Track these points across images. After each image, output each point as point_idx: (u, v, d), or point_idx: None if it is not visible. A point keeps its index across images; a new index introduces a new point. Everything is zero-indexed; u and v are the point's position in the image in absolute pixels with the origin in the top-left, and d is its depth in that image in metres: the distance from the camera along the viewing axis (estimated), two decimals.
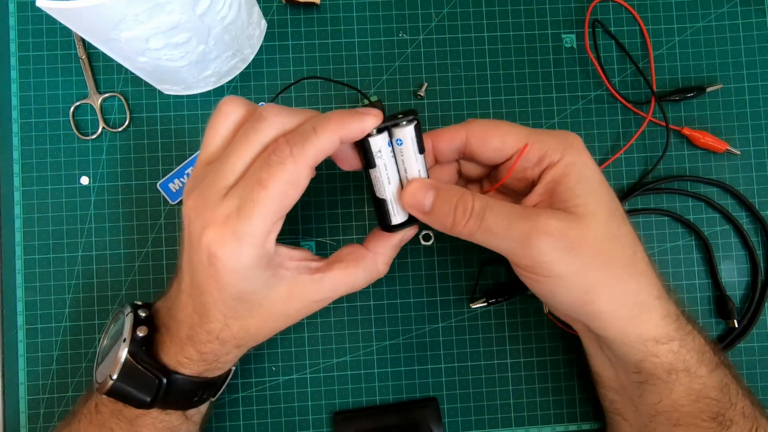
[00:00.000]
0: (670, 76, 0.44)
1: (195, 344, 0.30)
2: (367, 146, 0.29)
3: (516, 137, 0.30)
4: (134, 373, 0.30)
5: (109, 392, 0.30)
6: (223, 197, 0.27)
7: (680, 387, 0.31)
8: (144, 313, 0.32)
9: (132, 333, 0.30)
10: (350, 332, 0.42)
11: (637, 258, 0.30)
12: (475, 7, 0.43)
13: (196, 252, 0.28)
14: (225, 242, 0.26)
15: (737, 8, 0.44)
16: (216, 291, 0.28)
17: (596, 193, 0.29)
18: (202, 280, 0.28)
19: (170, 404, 0.32)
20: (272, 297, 0.30)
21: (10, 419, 0.40)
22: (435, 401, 0.41)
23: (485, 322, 0.42)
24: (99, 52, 0.42)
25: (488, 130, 0.31)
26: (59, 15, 0.28)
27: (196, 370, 0.31)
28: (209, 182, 0.28)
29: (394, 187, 0.31)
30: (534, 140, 0.30)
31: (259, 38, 0.42)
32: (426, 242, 0.42)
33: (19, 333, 0.41)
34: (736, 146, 0.43)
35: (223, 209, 0.27)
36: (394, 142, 0.30)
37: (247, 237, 0.27)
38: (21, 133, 0.41)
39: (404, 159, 0.30)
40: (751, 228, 0.43)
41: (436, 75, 0.43)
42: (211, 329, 0.30)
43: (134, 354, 0.30)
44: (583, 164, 0.29)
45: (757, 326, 0.42)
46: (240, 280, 0.28)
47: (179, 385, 0.31)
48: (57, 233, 0.41)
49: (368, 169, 0.30)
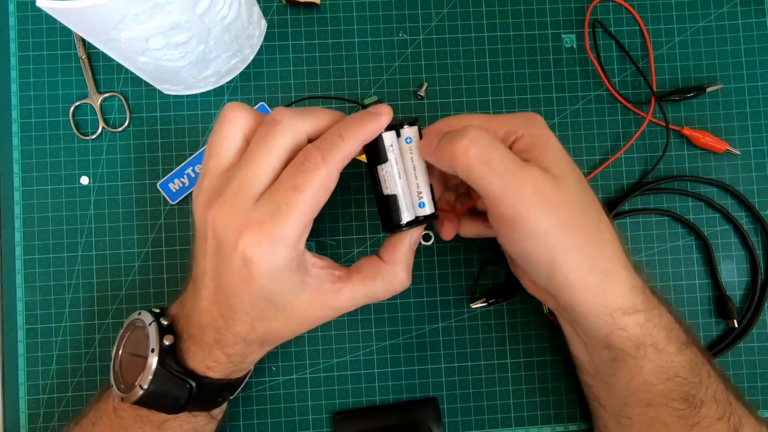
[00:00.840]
0: (670, 76, 0.44)
1: (222, 347, 0.31)
2: (380, 142, 0.29)
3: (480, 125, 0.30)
4: (165, 381, 0.30)
5: (139, 401, 0.30)
6: (254, 203, 0.28)
7: (649, 364, 0.31)
8: (166, 321, 0.32)
9: (160, 343, 0.30)
10: (350, 332, 0.42)
11: (602, 226, 0.31)
12: (475, 7, 0.43)
13: (227, 257, 0.28)
14: (261, 245, 0.27)
15: (737, 8, 0.44)
16: (246, 294, 0.29)
17: (564, 161, 0.31)
18: (233, 284, 0.29)
19: (198, 406, 0.32)
20: (296, 302, 0.30)
21: (10, 419, 0.40)
22: (435, 401, 0.41)
23: (485, 322, 0.42)
24: (99, 52, 0.42)
25: (449, 126, 0.31)
26: (59, 15, 0.28)
27: (223, 372, 0.32)
28: (236, 190, 0.28)
29: (404, 181, 0.31)
30: (495, 122, 0.31)
31: (259, 38, 0.42)
32: (426, 242, 0.42)
33: (19, 333, 0.41)
34: (736, 146, 0.43)
35: (257, 215, 0.27)
36: (403, 141, 0.30)
37: (283, 240, 0.27)
38: (21, 133, 0.41)
39: (413, 156, 0.31)
40: (751, 228, 0.43)
41: (436, 75, 0.43)
42: (238, 332, 0.30)
43: (163, 362, 0.30)
44: (548, 136, 0.31)
45: (757, 326, 0.42)
46: (272, 282, 0.28)
47: (208, 387, 0.32)
48: (57, 233, 0.41)
49: (376, 166, 0.30)
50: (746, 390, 0.42)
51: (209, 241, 0.29)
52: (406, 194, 0.31)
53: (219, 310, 0.30)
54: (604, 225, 0.31)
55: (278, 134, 0.28)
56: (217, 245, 0.29)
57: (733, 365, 0.42)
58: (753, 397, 0.42)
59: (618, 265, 0.31)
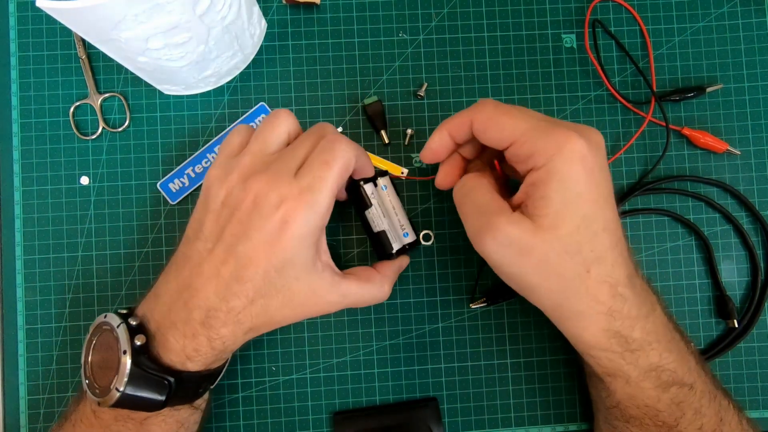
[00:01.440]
0: (670, 76, 0.44)
1: (208, 330, 0.31)
2: (363, 192, 0.37)
3: (511, 131, 0.30)
4: (142, 381, 0.30)
5: (117, 404, 0.30)
6: (294, 176, 0.31)
7: (620, 391, 0.32)
8: (134, 321, 0.32)
9: (131, 343, 0.30)
10: (350, 332, 0.42)
11: (589, 275, 0.30)
12: (475, 7, 0.43)
13: (262, 221, 0.30)
14: (300, 210, 0.30)
15: (737, 8, 0.44)
16: (264, 259, 0.30)
17: (570, 207, 0.29)
18: (255, 247, 0.30)
19: (179, 400, 0.32)
20: (301, 281, 0.32)
21: (10, 419, 0.40)
22: (435, 401, 0.41)
23: (485, 322, 0.42)
24: (99, 52, 0.42)
25: (490, 118, 0.32)
26: (59, 15, 0.28)
27: (203, 362, 0.32)
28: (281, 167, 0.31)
29: (389, 219, 0.38)
30: (526, 139, 0.30)
31: (259, 38, 0.42)
32: (426, 242, 0.42)
33: (19, 333, 0.41)
34: (736, 146, 0.43)
35: (297, 186, 0.31)
36: (380, 188, 0.38)
37: (317, 207, 0.31)
38: (21, 133, 0.41)
39: (390, 199, 0.38)
40: (751, 228, 0.43)
41: (436, 75, 0.43)
42: (233, 307, 0.31)
43: (137, 363, 0.30)
44: (567, 174, 0.29)
45: (757, 326, 0.42)
46: (296, 248, 0.31)
47: (187, 381, 0.32)
48: (57, 233, 0.41)
49: (364, 212, 0.37)
50: (746, 390, 0.42)
51: (243, 208, 0.31)
52: (392, 229, 0.38)
53: (218, 285, 0.30)
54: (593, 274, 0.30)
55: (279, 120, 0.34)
56: (254, 209, 0.30)
57: (733, 365, 0.42)
58: (753, 397, 0.42)
59: (594, 311, 0.30)
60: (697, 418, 0.32)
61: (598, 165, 0.30)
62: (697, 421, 0.32)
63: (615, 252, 0.30)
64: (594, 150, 0.29)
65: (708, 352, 0.42)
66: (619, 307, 0.30)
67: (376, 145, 0.42)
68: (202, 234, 0.32)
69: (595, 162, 0.29)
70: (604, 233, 0.30)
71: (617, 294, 0.30)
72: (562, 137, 0.29)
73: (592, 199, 0.29)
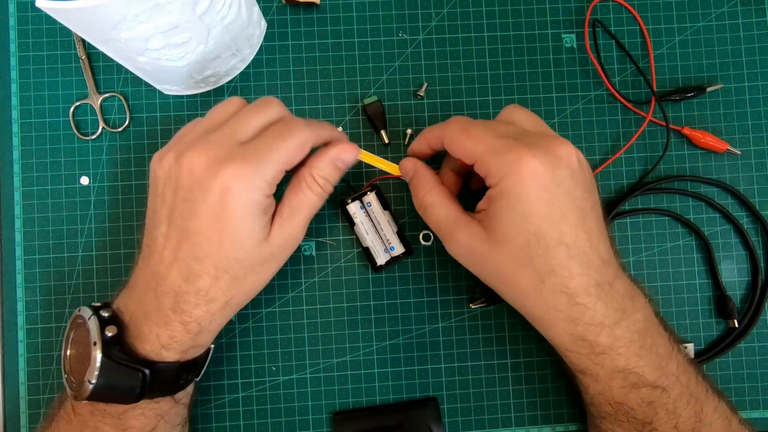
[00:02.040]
0: (670, 76, 0.44)
1: (180, 314, 0.31)
2: (347, 212, 0.40)
3: (471, 153, 0.32)
4: (114, 372, 0.30)
5: (90, 396, 0.30)
6: (241, 145, 0.31)
7: (593, 389, 0.33)
8: (106, 312, 0.32)
9: (101, 335, 0.30)
10: (350, 332, 0.42)
11: (544, 286, 0.31)
12: (475, 7, 0.43)
13: (203, 193, 0.30)
14: (241, 176, 0.29)
15: (737, 8, 0.44)
16: (216, 233, 0.30)
17: (518, 224, 0.30)
18: (204, 224, 0.30)
19: (157, 392, 0.32)
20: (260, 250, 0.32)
21: (10, 419, 0.40)
22: (435, 401, 0.41)
23: (485, 322, 0.42)
24: (99, 52, 0.42)
25: (453, 140, 0.33)
26: (59, 15, 0.28)
27: (180, 349, 0.31)
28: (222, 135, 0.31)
29: (373, 236, 0.40)
30: (483, 160, 0.31)
31: (259, 38, 0.42)
32: (426, 242, 0.42)
33: (19, 333, 0.41)
34: (736, 146, 0.43)
35: (240, 151, 0.30)
36: (366, 205, 0.40)
37: (262, 174, 0.30)
38: (21, 133, 0.41)
39: (375, 216, 0.40)
40: (751, 228, 0.43)
41: (436, 75, 0.43)
42: (201, 287, 0.31)
43: (109, 354, 0.30)
44: (515, 193, 0.30)
45: (757, 326, 0.42)
46: (243, 219, 0.30)
47: (164, 372, 0.31)
48: (57, 233, 0.41)
49: (353, 227, 0.40)
50: (746, 390, 0.42)
51: (182, 183, 0.30)
52: (377, 245, 0.40)
53: (180, 268, 0.30)
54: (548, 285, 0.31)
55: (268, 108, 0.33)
56: (191, 184, 0.30)
57: (733, 365, 0.42)
58: (753, 397, 0.42)
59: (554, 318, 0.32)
60: (671, 417, 0.32)
61: (555, 181, 0.30)
62: (671, 420, 0.32)
63: (574, 263, 0.30)
64: (551, 167, 0.30)
65: (708, 352, 0.42)
66: (579, 314, 0.31)
67: (376, 145, 0.42)
68: (156, 220, 0.32)
69: (551, 179, 0.30)
70: (559, 247, 0.30)
71: (576, 303, 0.31)
72: (513, 158, 0.30)
73: (543, 216, 0.30)
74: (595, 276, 0.31)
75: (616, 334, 0.31)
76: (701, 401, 0.33)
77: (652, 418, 0.32)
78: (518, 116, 0.34)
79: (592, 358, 0.32)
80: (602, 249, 0.32)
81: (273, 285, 0.41)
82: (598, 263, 0.31)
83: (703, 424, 0.32)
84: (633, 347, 0.31)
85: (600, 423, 0.35)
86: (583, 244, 0.31)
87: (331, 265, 0.42)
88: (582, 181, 0.31)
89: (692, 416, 0.32)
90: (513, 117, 0.34)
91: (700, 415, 0.32)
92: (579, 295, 0.31)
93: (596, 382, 0.33)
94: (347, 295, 0.42)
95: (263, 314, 0.41)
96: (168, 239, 0.31)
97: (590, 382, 0.33)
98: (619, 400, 0.32)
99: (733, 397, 0.42)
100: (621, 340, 0.31)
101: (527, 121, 0.34)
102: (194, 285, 0.30)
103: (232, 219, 0.30)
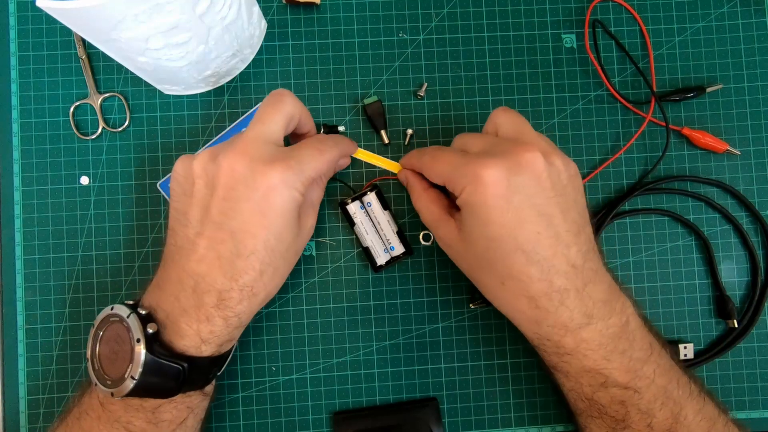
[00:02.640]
0: (670, 76, 0.44)
1: (223, 310, 0.32)
2: (347, 212, 0.40)
3: (439, 175, 0.35)
4: (156, 368, 0.31)
5: (132, 392, 0.30)
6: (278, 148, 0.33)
7: (566, 384, 0.34)
8: (144, 311, 0.32)
9: (144, 331, 0.31)
10: (350, 332, 0.42)
11: (505, 288, 0.33)
12: (475, 7, 0.43)
13: (248, 191, 0.31)
14: (287, 176, 0.31)
15: (737, 8, 0.44)
16: (262, 229, 0.31)
17: (476, 231, 0.32)
18: (248, 220, 0.31)
19: (191, 386, 0.33)
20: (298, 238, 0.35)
21: (10, 419, 0.40)
22: (435, 401, 0.41)
23: (485, 322, 0.42)
24: (99, 52, 0.42)
25: (429, 166, 0.36)
26: (59, 15, 0.28)
27: (217, 343, 0.32)
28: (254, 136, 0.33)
29: (373, 236, 0.41)
30: (449, 179, 0.34)
31: (259, 38, 0.42)
32: (426, 242, 0.42)
33: (19, 333, 0.41)
34: (736, 146, 0.43)
35: (283, 154, 0.32)
36: (366, 206, 0.40)
37: (301, 177, 0.32)
38: (21, 133, 0.41)
39: (375, 216, 0.41)
40: (751, 228, 0.43)
41: (436, 75, 0.43)
42: (245, 283, 0.32)
43: (151, 350, 0.31)
44: (473, 203, 0.32)
45: (757, 326, 0.42)
46: (285, 218, 0.32)
47: (200, 366, 0.32)
48: (57, 233, 0.41)
49: (353, 227, 0.41)
50: (746, 390, 0.42)
51: (222, 183, 0.31)
52: (377, 245, 0.41)
53: (222, 266, 0.31)
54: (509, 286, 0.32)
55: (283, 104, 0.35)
56: (234, 183, 0.31)
57: (733, 365, 0.42)
58: (753, 397, 0.42)
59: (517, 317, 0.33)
60: (644, 417, 0.32)
61: (512, 189, 0.31)
62: (644, 420, 0.32)
63: (533, 269, 0.31)
64: (508, 175, 0.31)
65: (708, 352, 0.42)
66: (542, 318, 0.32)
67: (376, 145, 0.42)
68: (188, 221, 0.32)
69: (507, 187, 0.31)
70: (517, 253, 0.31)
71: (537, 307, 0.32)
72: (470, 171, 0.32)
73: (499, 224, 0.31)
74: (559, 282, 0.31)
75: (582, 336, 0.32)
76: (681, 403, 0.33)
77: (625, 417, 0.32)
78: (501, 120, 0.35)
79: (559, 357, 0.33)
80: (572, 253, 0.32)
81: None
82: (565, 269, 0.31)
83: (681, 425, 0.32)
84: (601, 351, 0.32)
85: (577, 418, 0.36)
86: (545, 251, 0.31)
87: (331, 265, 0.42)
88: (549, 186, 0.31)
89: (668, 417, 0.32)
90: (497, 121, 0.35)
91: (678, 417, 0.32)
92: (539, 299, 0.31)
93: (567, 378, 0.34)
94: (347, 295, 0.42)
95: (263, 314, 0.41)
96: (205, 237, 0.31)
97: (562, 378, 0.34)
98: (589, 397, 0.33)
99: (733, 397, 0.42)
100: (588, 343, 0.32)
101: (507, 125, 0.35)
102: (238, 282, 0.31)
103: (277, 216, 0.31)
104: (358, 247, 0.42)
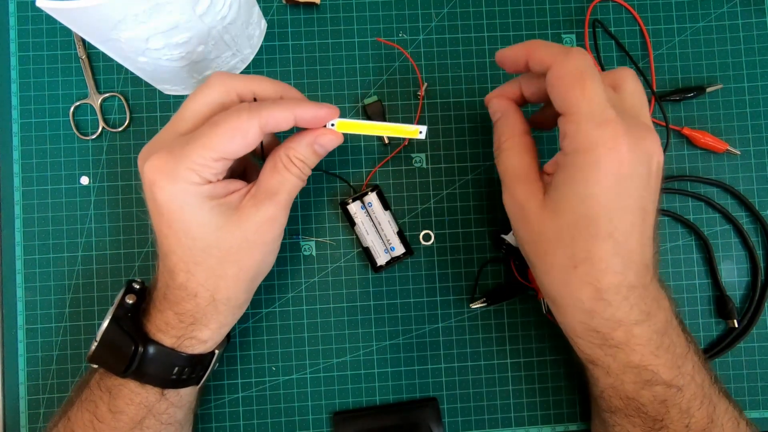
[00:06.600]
0: (670, 76, 0.44)
1: (172, 305, 0.32)
2: (348, 212, 0.40)
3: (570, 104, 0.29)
4: (115, 337, 0.31)
5: (91, 357, 0.32)
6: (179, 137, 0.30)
7: (603, 381, 0.32)
8: (137, 285, 0.33)
9: (121, 300, 0.32)
10: (350, 332, 0.42)
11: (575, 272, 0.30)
12: (475, 7, 0.43)
13: (145, 192, 0.30)
14: (161, 166, 0.29)
15: (737, 8, 0.44)
16: (166, 227, 0.30)
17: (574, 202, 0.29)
18: (157, 223, 0.30)
19: (146, 376, 0.32)
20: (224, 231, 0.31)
21: (10, 419, 0.40)
22: (435, 401, 0.41)
23: (485, 322, 0.42)
24: (99, 52, 0.42)
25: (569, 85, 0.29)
26: (59, 15, 0.28)
27: (174, 335, 0.32)
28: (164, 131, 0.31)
29: (374, 236, 0.40)
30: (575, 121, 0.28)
31: (259, 38, 0.42)
32: (426, 242, 0.42)
33: (19, 333, 0.41)
34: (736, 146, 0.43)
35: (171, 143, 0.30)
36: (367, 205, 0.40)
37: (185, 161, 0.29)
38: (21, 133, 0.41)
39: (376, 216, 0.40)
40: (751, 228, 0.43)
41: (436, 75, 0.43)
42: (180, 283, 0.31)
43: (118, 319, 0.32)
44: (587, 173, 0.28)
45: (757, 326, 0.42)
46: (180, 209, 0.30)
47: (156, 354, 0.32)
48: (57, 233, 0.41)
49: (353, 227, 0.40)
50: (746, 390, 0.42)
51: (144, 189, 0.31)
52: (378, 245, 0.40)
53: (162, 264, 0.32)
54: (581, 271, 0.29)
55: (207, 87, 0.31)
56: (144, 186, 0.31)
57: (733, 365, 0.42)
58: (753, 397, 0.42)
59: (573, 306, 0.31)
60: (683, 417, 0.32)
61: (633, 175, 0.28)
62: (683, 419, 0.32)
63: (614, 260, 0.29)
64: (635, 160, 0.28)
65: (708, 352, 0.42)
66: (600, 310, 0.30)
67: (376, 145, 0.42)
68: None
69: (630, 171, 0.28)
70: (607, 240, 0.29)
71: (601, 299, 0.30)
72: (607, 136, 0.28)
73: (603, 204, 0.28)
74: (632, 278, 0.30)
75: (634, 332, 0.30)
76: (714, 402, 0.32)
77: (664, 416, 0.31)
78: (632, 88, 0.31)
79: (604, 350, 0.31)
80: (647, 252, 0.31)
81: (273, 285, 0.41)
82: (640, 266, 0.30)
83: (715, 425, 0.32)
84: (650, 347, 0.31)
85: (608, 417, 0.34)
86: (633, 245, 0.29)
87: (331, 265, 0.42)
88: (654, 182, 0.30)
89: (705, 417, 0.32)
90: (623, 84, 0.31)
91: (713, 416, 0.32)
92: (608, 292, 0.29)
93: (607, 375, 0.32)
94: (347, 295, 0.42)
95: (263, 314, 0.41)
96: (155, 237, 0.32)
97: (601, 374, 0.32)
98: (631, 396, 0.32)
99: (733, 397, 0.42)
100: (638, 338, 0.31)
101: (636, 98, 0.31)
102: (175, 281, 0.32)
103: (170, 212, 0.30)
104: (358, 247, 0.42)
